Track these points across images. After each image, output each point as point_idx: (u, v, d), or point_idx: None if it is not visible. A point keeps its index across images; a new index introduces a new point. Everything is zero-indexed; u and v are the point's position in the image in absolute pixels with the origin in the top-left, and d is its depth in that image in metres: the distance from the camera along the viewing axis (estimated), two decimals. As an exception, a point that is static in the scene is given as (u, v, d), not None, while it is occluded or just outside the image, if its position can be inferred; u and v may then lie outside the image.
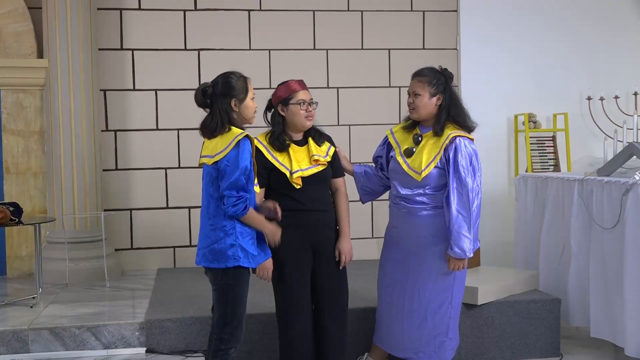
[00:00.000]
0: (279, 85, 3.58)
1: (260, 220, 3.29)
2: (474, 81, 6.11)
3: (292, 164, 3.47)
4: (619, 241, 4.12)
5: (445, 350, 3.70)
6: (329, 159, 3.60)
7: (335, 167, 3.66)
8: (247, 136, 3.20)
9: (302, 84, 3.56)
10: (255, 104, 3.32)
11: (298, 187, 3.48)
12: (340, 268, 3.63)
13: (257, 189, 3.37)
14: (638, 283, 4.01)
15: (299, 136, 3.59)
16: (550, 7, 6.20)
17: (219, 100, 3.23)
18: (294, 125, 3.54)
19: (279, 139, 3.51)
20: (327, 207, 3.61)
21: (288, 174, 3.47)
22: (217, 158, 3.18)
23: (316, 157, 3.53)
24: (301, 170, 3.48)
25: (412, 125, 3.75)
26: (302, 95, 3.51)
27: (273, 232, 3.33)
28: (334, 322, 3.60)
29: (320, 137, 3.62)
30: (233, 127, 3.22)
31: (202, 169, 3.34)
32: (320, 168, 3.55)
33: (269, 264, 3.45)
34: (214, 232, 3.23)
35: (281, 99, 3.53)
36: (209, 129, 3.24)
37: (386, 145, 3.86)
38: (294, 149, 3.53)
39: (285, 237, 3.48)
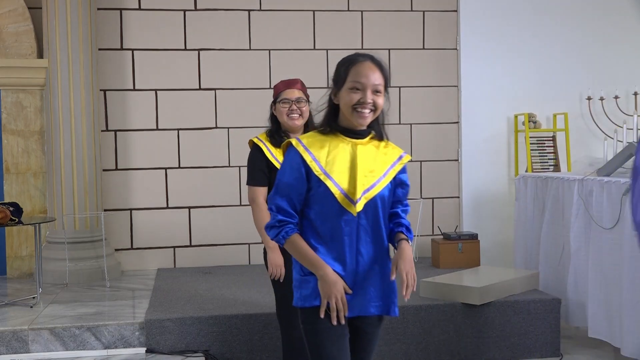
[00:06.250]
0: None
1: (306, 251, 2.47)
2: (474, 81, 6.12)
3: None
4: (618, 241, 4.12)
5: None
6: None
7: None
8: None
9: (288, 83, 3.54)
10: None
11: None
12: None
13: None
14: (636, 283, 4.01)
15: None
16: (550, 7, 6.20)
17: None
18: (284, 124, 3.55)
19: (277, 133, 3.52)
20: None
21: None
22: None
23: None
24: None
25: None
26: (285, 94, 3.51)
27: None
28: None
29: None
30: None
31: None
32: None
33: (280, 260, 3.43)
34: None
35: (273, 99, 3.57)
36: None
37: None
38: None
39: None
